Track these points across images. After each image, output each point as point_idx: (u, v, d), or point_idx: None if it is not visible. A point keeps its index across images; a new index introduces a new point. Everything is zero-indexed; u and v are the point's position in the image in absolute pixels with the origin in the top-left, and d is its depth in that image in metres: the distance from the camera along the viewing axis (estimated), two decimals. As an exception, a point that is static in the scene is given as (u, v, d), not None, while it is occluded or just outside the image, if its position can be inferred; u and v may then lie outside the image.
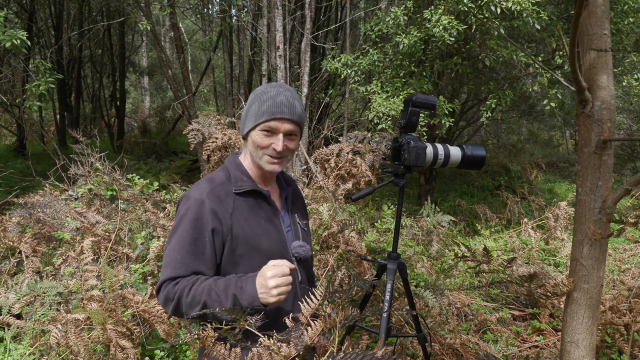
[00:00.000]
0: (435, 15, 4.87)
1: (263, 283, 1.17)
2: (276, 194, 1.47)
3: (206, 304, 1.19)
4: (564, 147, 17.17)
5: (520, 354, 3.04)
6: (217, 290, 1.19)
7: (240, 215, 1.31)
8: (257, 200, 1.37)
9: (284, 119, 1.30)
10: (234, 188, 1.34)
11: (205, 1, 12.02)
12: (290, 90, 1.36)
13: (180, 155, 11.94)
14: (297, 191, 1.57)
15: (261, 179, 1.41)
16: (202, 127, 3.86)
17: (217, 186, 1.33)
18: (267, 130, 1.31)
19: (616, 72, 5.80)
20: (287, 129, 1.31)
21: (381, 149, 3.89)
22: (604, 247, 1.92)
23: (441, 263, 4.40)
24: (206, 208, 1.27)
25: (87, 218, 3.30)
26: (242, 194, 1.34)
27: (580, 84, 1.79)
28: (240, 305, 1.17)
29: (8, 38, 4.16)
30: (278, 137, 1.31)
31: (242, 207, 1.33)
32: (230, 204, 1.31)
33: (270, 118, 1.29)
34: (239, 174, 1.37)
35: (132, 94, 20.86)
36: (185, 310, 1.22)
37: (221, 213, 1.29)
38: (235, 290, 1.19)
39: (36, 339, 2.52)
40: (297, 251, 1.39)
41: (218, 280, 1.23)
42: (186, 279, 1.25)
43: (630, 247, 5.11)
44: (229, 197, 1.32)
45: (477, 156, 1.91)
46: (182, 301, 1.21)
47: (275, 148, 1.31)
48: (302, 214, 1.54)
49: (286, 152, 1.33)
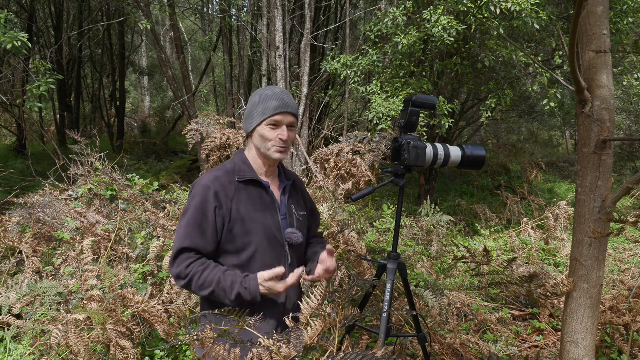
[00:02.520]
0: (435, 15, 4.86)
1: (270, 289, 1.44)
2: (276, 186, 1.66)
3: (215, 292, 1.44)
4: (564, 147, 17.17)
5: (520, 354, 3.04)
6: (224, 285, 1.43)
7: (240, 200, 1.53)
8: (257, 189, 1.57)
9: (287, 113, 1.55)
10: (237, 177, 1.55)
11: (205, 1, 12.02)
12: (284, 90, 1.61)
13: (180, 155, 11.93)
14: (299, 186, 1.77)
15: (263, 171, 1.62)
16: (201, 127, 3.86)
17: (222, 175, 1.55)
18: (273, 124, 1.54)
19: (616, 72, 5.80)
20: (290, 121, 1.56)
21: (381, 149, 3.89)
22: (604, 247, 1.92)
23: (441, 263, 4.40)
24: (211, 192, 1.49)
25: (87, 218, 3.30)
26: (244, 182, 1.56)
27: (580, 84, 1.79)
28: (243, 299, 1.42)
29: (9, 39, 4.16)
30: (282, 128, 1.55)
31: (243, 194, 1.54)
32: (232, 190, 1.53)
33: (275, 113, 1.53)
34: (243, 165, 1.59)
35: (132, 94, 20.86)
36: (194, 290, 1.47)
37: (223, 197, 1.50)
38: (241, 289, 1.42)
39: (36, 339, 2.52)
40: (289, 237, 1.59)
41: (226, 273, 1.46)
42: (198, 262, 1.46)
43: (630, 247, 5.11)
44: (232, 184, 1.54)
45: (477, 156, 1.91)
46: (193, 283, 1.45)
47: (282, 138, 1.54)
48: (300, 206, 1.71)
49: (289, 141, 1.57)
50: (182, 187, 4.86)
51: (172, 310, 2.59)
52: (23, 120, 9.08)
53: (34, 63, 4.92)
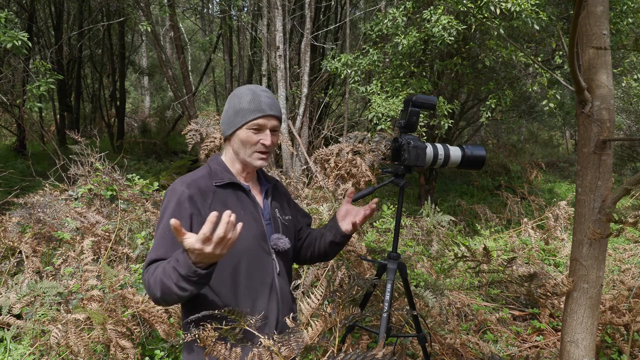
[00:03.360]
0: (435, 15, 4.87)
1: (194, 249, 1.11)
2: (257, 190, 1.53)
3: (162, 282, 1.20)
4: (564, 147, 17.17)
5: (520, 354, 3.04)
6: (166, 268, 1.20)
7: (218, 206, 1.37)
8: (236, 193, 1.43)
9: (269, 116, 1.40)
10: (214, 181, 1.41)
11: (205, 1, 12.02)
12: (266, 90, 1.46)
13: (180, 155, 11.93)
14: (280, 188, 1.64)
15: (242, 175, 1.48)
16: (200, 127, 3.86)
17: (198, 179, 1.40)
18: (255, 128, 1.40)
19: (616, 73, 5.80)
20: (273, 125, 1.42)
21: (381, 149, 3.90)
22: (604, 246, 1.92)
23: (441, 263, 4.40)
24: (185, 196, 1.34)
25: (87, 218, 3.30)
26: (222, 186, 1.41)
27: (580, 84, 1.79)
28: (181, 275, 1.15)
29: (9, 39, 4.16)
30: (265, 133, 1.41)
31: (222, 199, 1.39)
32: (210, 196, 1.38)
33: (258, 116, 1.39)
34: (220, 169, 1.45)
35: (132, 94, 20.86)
36: (154, 293, 1.23)
37: (200, 202, 1.35)
38: (174, 263, 1.17)
39: (36, 339, 2.52)
40: (275, 243, 1.45)
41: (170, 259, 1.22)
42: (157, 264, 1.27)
43: (630, 247, 5.12)
44: (209, 189, 1.39)
45: (477, 156, 1.91)
46: (150, 284, 1.24)
47: (264, 143, 1.40)
48: (284, 210, 1.58)
49: (272, 146, 1.44)
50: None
51: (172, 310, 2.59)
52: (23, 120, 9.08)
53: (34, 63, 4.92)
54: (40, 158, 9.70)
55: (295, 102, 7.33)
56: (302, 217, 1.69)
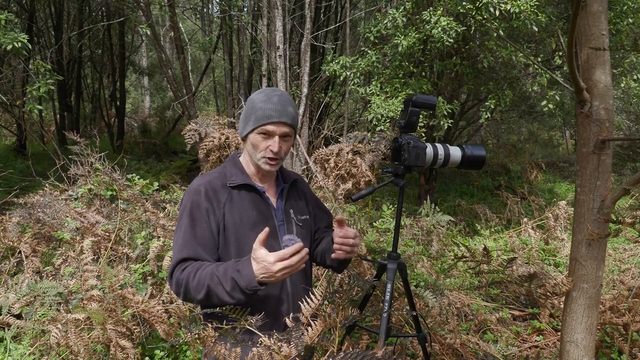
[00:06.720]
0: (434, 16, 4.86)
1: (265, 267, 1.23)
2: (272, 191, 1.55)
3: (210, 287, 1.28)
4: (564, 147, 17.17)
5: (520, 354, 3.05)
6: (218, 275, 1.28)
7: (232, 206, 1.43)
8: (250, 194, 1.47)
9: (279, 123, 1.41)
10: (228, 182, 1.45)
11: (205, 1, 12.02)
12: (284, 94, 1.46)
13: (180, 155, 11.93)
14: (300, 186, 1.64)
15: (257, 176, 1.52)
16: (199, 127, 3.86)
17: (213, 179, 1.46)
18: (264, 133, 1.41)
19: (615, 73, 5.80)
20: (283, 132, 1.42)
21: (381, 149, 3.90)
22: (603, 246, 1.92)
23: (441, 263, 4.40)
24: (202, 195, 1.41)
25: (87, 218, 3.30)
26: (236, 187, 1.46)
27: (579, 84, 1.79)
28: (239, 286, 1.25)
29: (9, 41, 4.17)
30: (274, 139, 1.41)
31: (235, 199, 1.44)
32: (224, 195, 1.43)
33: (267, 122, 1.40)
34: (235, 169, 1.49)
35: (132, 94, 20.85)
36: (193, 295, 1.32)
37: (215, 201, 1.41)
38: (233, 273, 1.26)
39: (36, 339, 2.52)
40: (286, 244, 1.44)
41: (219, 265, 1.32)
42: (192, 265, 1.34)
43: (630, 247, 5.11)
44: (225, 189, 1.44)
45: (477, 156, 1.91)
46: (189, 285, 1.31)
47: (272, 149, 1.41)
48: (301, 210, 1.58)
49: (281, 153, 1.44)
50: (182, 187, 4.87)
51: (172, 310, 2.59)
52: (23, 120, 9.08)
53: (34, 63, 4.92)
54: (40, 158, 9.70)
55: (295, 102, 7.33)
56: (322, 217, 1.69)
